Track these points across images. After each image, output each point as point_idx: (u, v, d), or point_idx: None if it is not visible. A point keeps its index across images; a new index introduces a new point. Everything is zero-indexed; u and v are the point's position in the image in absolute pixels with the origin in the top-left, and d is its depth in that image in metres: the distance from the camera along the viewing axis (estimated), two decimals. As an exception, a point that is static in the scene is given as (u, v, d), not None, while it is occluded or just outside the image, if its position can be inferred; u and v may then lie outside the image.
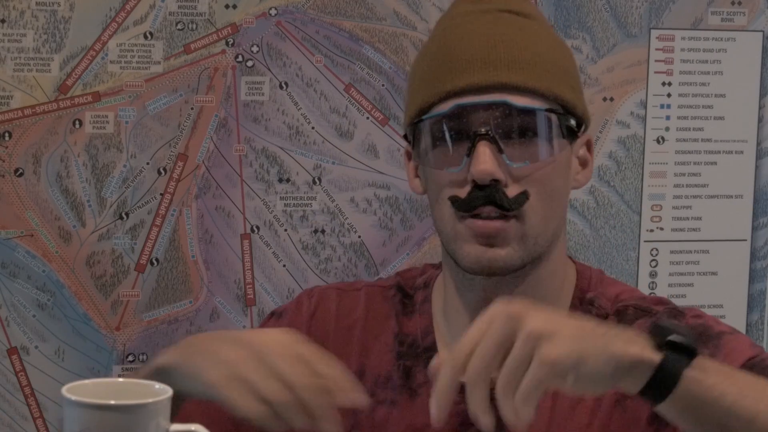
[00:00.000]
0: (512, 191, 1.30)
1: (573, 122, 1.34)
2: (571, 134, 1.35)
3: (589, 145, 1.41)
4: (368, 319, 1.43)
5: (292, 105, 2.18)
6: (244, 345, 1.16)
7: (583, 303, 1.38)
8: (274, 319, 1.48)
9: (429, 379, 1.36)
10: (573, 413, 1.32)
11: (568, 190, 1.38)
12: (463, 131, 1.31)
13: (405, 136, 1.40)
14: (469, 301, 1.37)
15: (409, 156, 1.41)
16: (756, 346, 1.30)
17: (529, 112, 1.31)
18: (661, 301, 1.38)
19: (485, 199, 1.29)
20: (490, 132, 1.29)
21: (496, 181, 1.29)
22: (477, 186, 1.29)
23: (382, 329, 1.43)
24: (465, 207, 1.31)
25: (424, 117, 1.34)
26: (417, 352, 1.39)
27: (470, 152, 1.30)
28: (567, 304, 1.38)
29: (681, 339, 1.09)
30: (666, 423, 1.27)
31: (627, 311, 1.36)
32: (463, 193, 1.31)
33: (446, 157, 1.32)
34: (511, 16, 1.36)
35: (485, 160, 1.28)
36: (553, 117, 1.32)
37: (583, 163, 1.41)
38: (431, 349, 1.39)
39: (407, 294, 1.45)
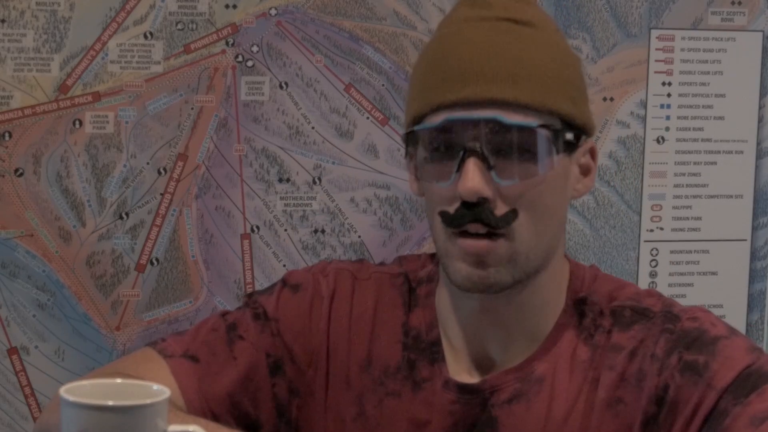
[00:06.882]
0: (500, 210, 1.28)
1: (570, 135, 1.31)
2: (569, 147, 1.32)
3: (592, 153, 1.39)
4: (378, 308, 1.42)
5: (292, 105, 2.18)
6: None
7: (576, 303, 1.36)
8: (289, 290, 1.45)
9: (432, 375, 1.36)
10: (567, 419, 1.31)
11: (564, 204, 1.35)
12: (452, 146, 1.28)
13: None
14: (464, 311, 1.36)
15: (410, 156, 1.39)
16: (753, 351, 1.28)
17: (521, 129, 1.27)
18: (651, 294, 1.36)
19: (472, 217, 1.27)
20: (479, 148, 1.26)
21: (484, 199, 1.27)
22: (464, 203, 1.27)
23: (391, 317, 1.42)
24: (452, 223, 1.29)
25: (416, 127, 1.32)
26: (421, 347, 1.39)
27: (459, 168, 1.27)
28: (562, 307, 1.37)
29: None
30: (658, 429, 1.27)
31: (623, 313, 1.34)
32: (452, 209, 1.29)
33: (436, 170, 1.30)
34: (510, 24, 1.32)
35: (473, 178, 1.26)
36: (547, 133, 1.28)
37: (585, 171, 1.38)
38: (436, 344, 1.38)
39: (411, 286, 1.43)
